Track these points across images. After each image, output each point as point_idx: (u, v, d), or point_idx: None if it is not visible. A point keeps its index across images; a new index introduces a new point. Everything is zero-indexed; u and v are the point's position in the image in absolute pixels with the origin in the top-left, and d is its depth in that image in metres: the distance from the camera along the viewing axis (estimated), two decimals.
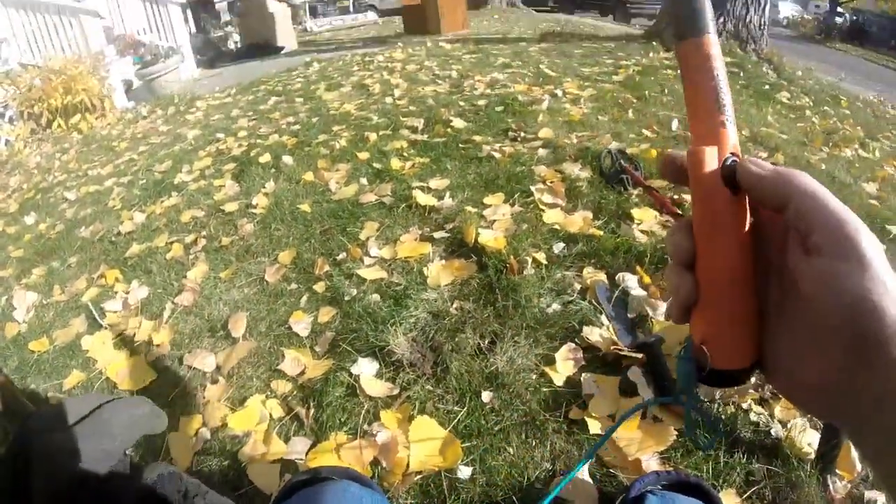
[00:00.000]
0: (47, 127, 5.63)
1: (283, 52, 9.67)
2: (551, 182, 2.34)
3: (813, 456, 1.12)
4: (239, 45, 10.88)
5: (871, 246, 0.29)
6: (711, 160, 0.33)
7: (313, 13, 19.49)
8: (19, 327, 2.15)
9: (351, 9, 21.62)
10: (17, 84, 5.67)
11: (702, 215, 0.34)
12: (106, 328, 1.99)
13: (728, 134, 0.34)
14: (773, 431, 1.18)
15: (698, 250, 0.33)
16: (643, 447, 1.14)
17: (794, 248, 0.32)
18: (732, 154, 0.34)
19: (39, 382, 1.79)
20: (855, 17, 22.34)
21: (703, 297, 0.33)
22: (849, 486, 1.10)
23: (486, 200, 2.26)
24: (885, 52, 17.65)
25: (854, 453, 1.12)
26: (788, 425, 1.19)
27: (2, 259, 2.81)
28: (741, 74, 4.68)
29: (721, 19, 5.33)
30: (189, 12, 10.35)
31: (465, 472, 1.16)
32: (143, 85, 7.00)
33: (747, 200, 0.33)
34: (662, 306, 1.57)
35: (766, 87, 4.53)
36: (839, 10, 22.56)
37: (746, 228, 0.33)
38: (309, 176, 2.76)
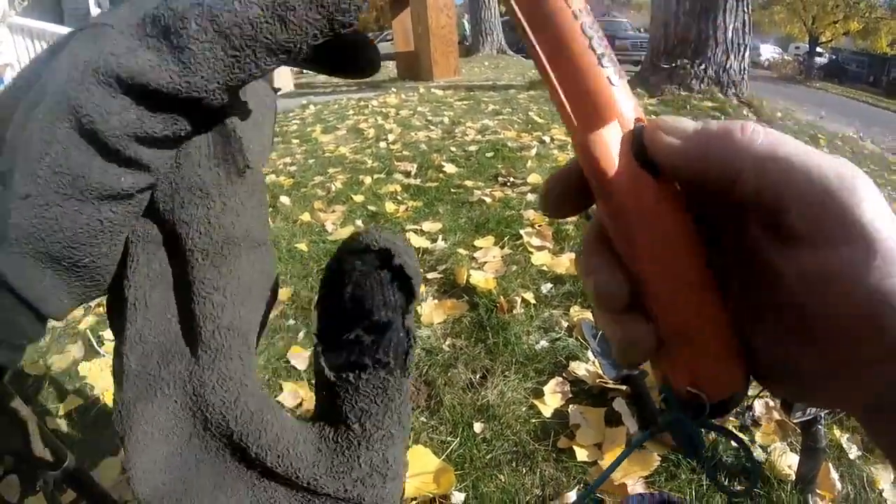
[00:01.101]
0: None
1: (279, 93, 9.85)
2: (539, 226, 2.44)
3: (793, 477, 1.19)
4: None
5: (875, 214, 0.20)
6: (613, 141, 0.23)
7: None
8: None
9: None
10: None
11: (636, 229, 0.23)
12: (104, 356, 2.02)
13: (619, 96, 0.23)
14: (754, 455, 1.26)
15: (644, 277, 0.23)
16: (628, 472, 1.21)
17: (758, 234, 0.23)
18: (637, 121, 0.23)
19: (36, 405, 1.82)
20: (834, 56, 23.15)
21: (671, 336, 0.24)
22: None
23: (477, 243, 2.35)
24: (864, 88, 18.33)
25: (834, 473, 1.19)
26: (769, 449, 1.27)
27: None
28: (722, 118, 4.81)
29: (702, 66, 5.56)
30: None
31: (458, 497, 1.22)
32: None
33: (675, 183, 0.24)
34: None
35: None
36: (818, 49, 23.33)
37: (691, 224, 0.24)
38: (306, 216, 2.85)
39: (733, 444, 1.25)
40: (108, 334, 2.14)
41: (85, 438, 1.64)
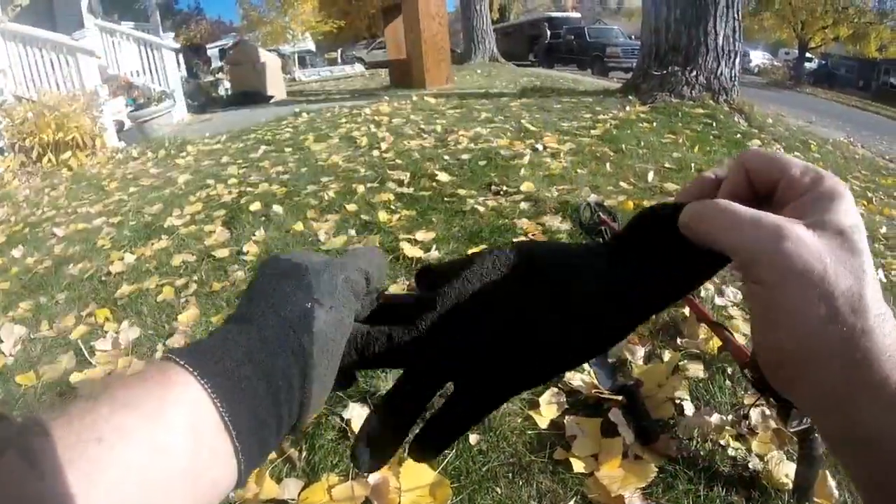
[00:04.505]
0: (37, 161, 5.68)
1: (272, 101, 9.88)
2: (533, 234, 2.44)
3: (790, 486, 1.18)
4: (229, 92, 11.08)
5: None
6: None
7: (302, 63, 19.94)
8: (5, 360, 2.15)
9: (339, 60, 22.15)
10: (11, 116, 5.74)
11: None
12: (95, 366, 2.00)
13: None
14: (750, 465, 1.26)
15: None
16: (625, 483, 1.20)
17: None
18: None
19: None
20: (823, 62, 23.35)
21: None
22: None
23: (471, 252, 2.34)
24: (853, 92, 18.49)
25: (831, 481, 1.19)
26: (766, 458, 1.27)
27: None
28: (714, 125, 4.84)
29: (693, 72, 5.59)
30: (181, 57, 10.57)
31: None
32: (134, 126, 7.10)
33: None
34: (641, 351, 1.66)
35: (738, 135, 4.65)
36: (808, 55, 23.52)
37: None
38: (299, 226, 2.84)
39: (730, 454, 1.25)
40: (99, 344, 2.12)
41: None
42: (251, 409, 0.28)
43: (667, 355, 1.63)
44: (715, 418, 1.37)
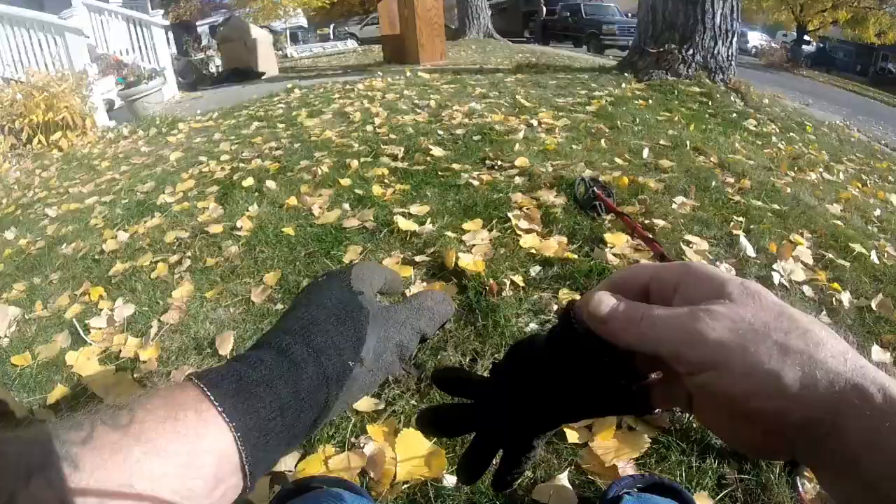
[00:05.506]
0: (27, 143, 5.62)
1: (263, 77, 9.76)
2: (528, 209, 2.43)
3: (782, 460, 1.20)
4: (220, 70, 10.93)
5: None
6: None
7: (294, 40, 19.68)
8: (0, 341, 2.15)
9: (331, 36, 21.87)
10: (0, 98, 5.66)
11: None
12: (91, 344, 2.00)
13: None
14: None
15: None
16: (619, 454, 1.21)
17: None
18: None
19: (23, 396, 1.79)
20: (822, 45, 23.22)
21: None
22: (817, 487, 1.17)
23: (466, 226, 2.33)
24: (851, 77, 18.45)
25: None
26: None
27: None
28: (710, 104, 4.81)
29: (690, 51, 5.54)
30: (171, 34, 10.42)
31: (450, 480, 1.22)
32: (124, 105, 7.01)
33: None
34: None
35: (734, 115, 4.61)
36: (806, 38, 23.36)
37: None
38: (292, 200, 2.82)
39: None
40: (94, 322, 2.11)
41: None
42: (271, 457, 0.33)
43: None
44: None
